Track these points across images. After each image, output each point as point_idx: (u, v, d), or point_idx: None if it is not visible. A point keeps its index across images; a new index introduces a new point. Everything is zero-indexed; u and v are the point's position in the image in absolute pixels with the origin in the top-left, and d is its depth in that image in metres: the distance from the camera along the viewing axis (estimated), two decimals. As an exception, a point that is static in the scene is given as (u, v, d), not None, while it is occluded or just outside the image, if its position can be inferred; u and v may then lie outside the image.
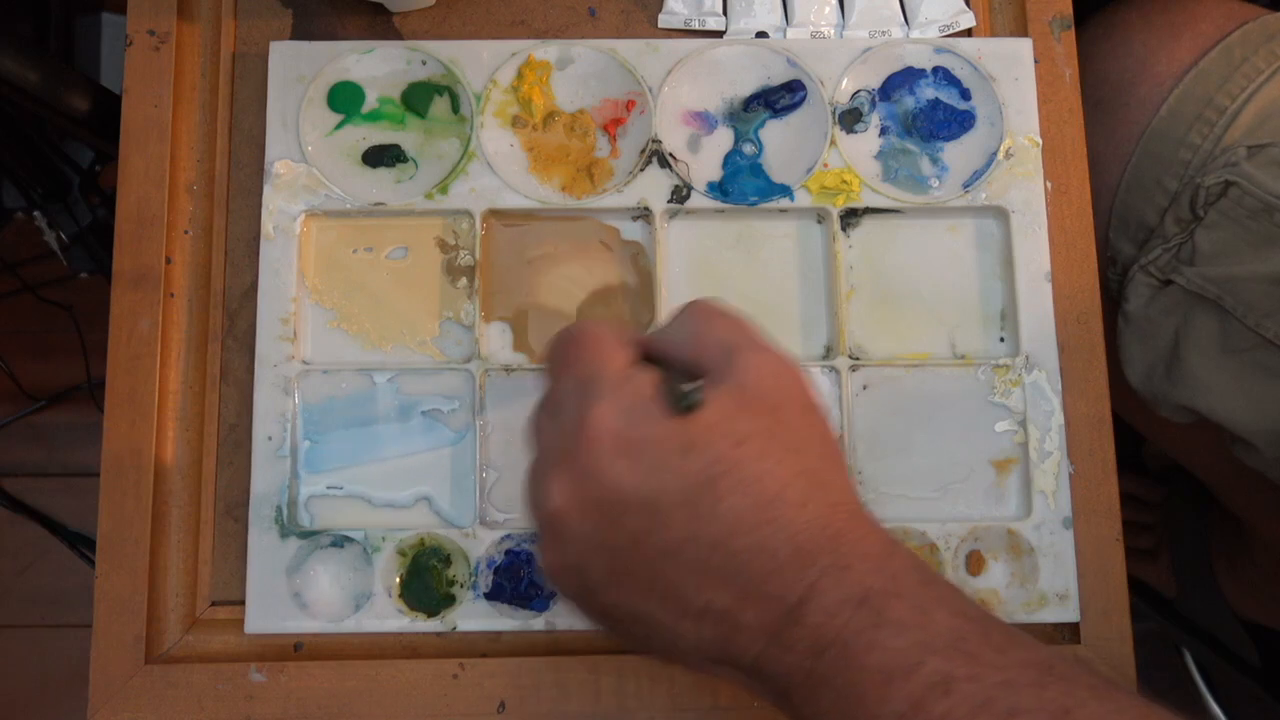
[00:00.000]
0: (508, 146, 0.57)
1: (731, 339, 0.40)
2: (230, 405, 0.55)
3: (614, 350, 0.39)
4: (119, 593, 0.52)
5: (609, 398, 0.37)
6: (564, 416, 0.38)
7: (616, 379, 0.38)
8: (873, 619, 0.35)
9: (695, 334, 0.40)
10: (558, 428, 0.38)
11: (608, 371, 0.38)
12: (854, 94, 0.57)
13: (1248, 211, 0.57)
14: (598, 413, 0.37)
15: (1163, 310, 0.61)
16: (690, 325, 0.41)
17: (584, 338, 0.40)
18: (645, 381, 0.38)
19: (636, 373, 0.38)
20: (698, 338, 0.40)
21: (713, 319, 0.41)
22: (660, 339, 0.41)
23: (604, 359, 0.39)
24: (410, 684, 0.52)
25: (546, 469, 0.38)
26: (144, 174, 0.56)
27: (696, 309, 0.42)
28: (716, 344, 0.39)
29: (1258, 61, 0.60)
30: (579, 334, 0.40)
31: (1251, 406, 0.58)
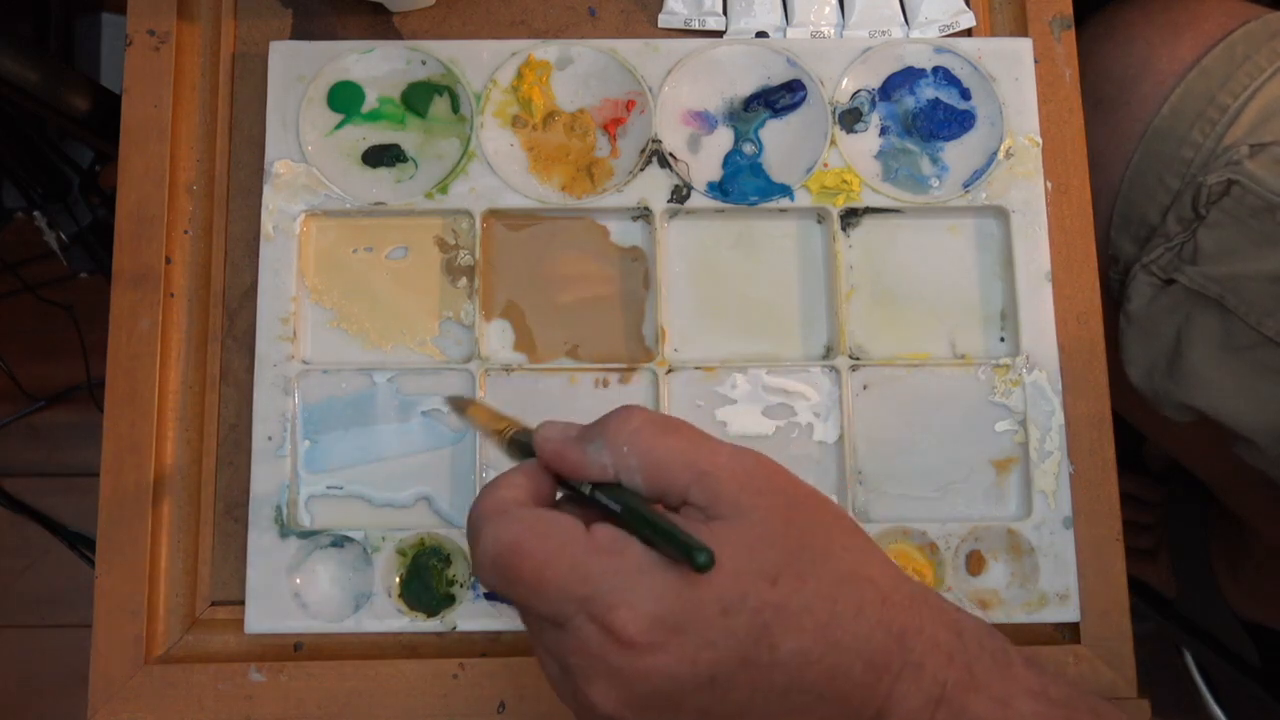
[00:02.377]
0: (508, 146, 0.57)
1: (696, 456, 0.35)
2: (230, 405, 0.55)
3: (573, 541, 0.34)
4: (119, 593, 0.52)
5: (617, 595, 0.33)
6: (573, 626, 0.34)
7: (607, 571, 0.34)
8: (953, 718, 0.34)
9: (648, 455, 0.35)
10: (572, 638, 0.34)
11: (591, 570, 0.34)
12: (854, 94, 0.57)
13: (1250, 210, 0.57)
14: (620, 617, 0.33)
15: (1165, 309, 0.61)
16: (638, 444, 0.36)
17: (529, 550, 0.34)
18: (631, 546, 0.34)
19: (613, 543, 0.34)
20: (653, 460, 0.35)
21: (665, 434, 0.36)
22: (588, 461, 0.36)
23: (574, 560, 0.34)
24: (410, 684, 0.52)
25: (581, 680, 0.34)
26: (144, 174, 0.56)
27: (638, 424, 0.36)
28: (682, 466, 0.35)
29: (1260, 60, 0.60)
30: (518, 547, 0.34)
31: (1253, 405, 0.58)
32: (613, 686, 0.33)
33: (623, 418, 0.36)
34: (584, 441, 0.37)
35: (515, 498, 0.36)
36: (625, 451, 0.36)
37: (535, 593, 0.34)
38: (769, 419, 0.55)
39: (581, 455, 0.37)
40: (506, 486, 0.37)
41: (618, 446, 0.36)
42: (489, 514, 0.35)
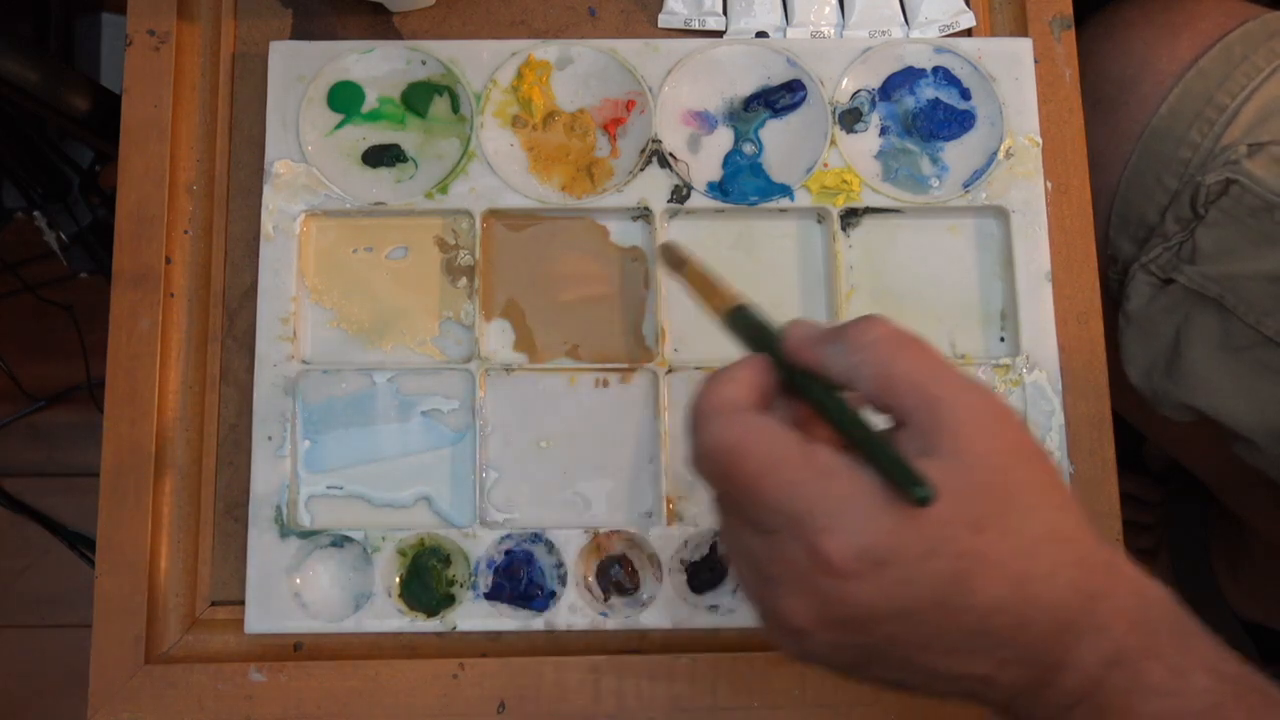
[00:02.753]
0: (508, 146, 0.57)
1: (929, 381, 0.35)
2: (230, 405, 0.55)
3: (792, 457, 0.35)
4: (119, 593, 0.52)
5: (829, 522, 0.34)
6: (780, 539, 0.35)
7: (821, 496, 0.34)
8: (1127, 682, 0.34)
9: (883, 368, 0.36)
10: (776, 549, 0.35)
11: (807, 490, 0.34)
12: (854, 94, 0.57)
13: (1248, 210, 0.57)
14: (828, 543, 0.34)
15: (1164, 309, 0.61)
16: (875, 356, 0.36)
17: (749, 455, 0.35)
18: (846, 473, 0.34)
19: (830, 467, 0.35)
20: (887, 374, 0.36)
21: (904, 350, 0.36)
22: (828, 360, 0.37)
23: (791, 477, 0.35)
24: (410, 684, 0.52)
25: (780, 590, 0.35)
26: (144, 174, 0.56)
27: (879, 334, 0.36)
28: (912, 388, 0.35)
29: (1258, 60, 0.60)
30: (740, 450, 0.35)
31: (1252, 404, 0.58)
32: (810, 604, 0.35)
33: (864, 327, 0.37)
34: (826, 343, 0.37)
35: (742, 396, 0.37)
36: (859, 360, 0.36)
37: (748, 498, 0.35)
38: (769, 419, 0.55)
39: (821, 355, 0.37)
40: (733, 384, 0.37)
41: (853, 353, 0.36)
42: (716, 409, 0.36)
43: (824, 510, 0.34)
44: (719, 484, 0.36)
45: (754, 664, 0.52)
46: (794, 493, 0.34)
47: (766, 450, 0.35)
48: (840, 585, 0.34)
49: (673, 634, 0.53)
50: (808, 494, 0.34)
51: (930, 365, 0.36)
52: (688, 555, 0.53)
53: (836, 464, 0.35)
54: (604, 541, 0.53)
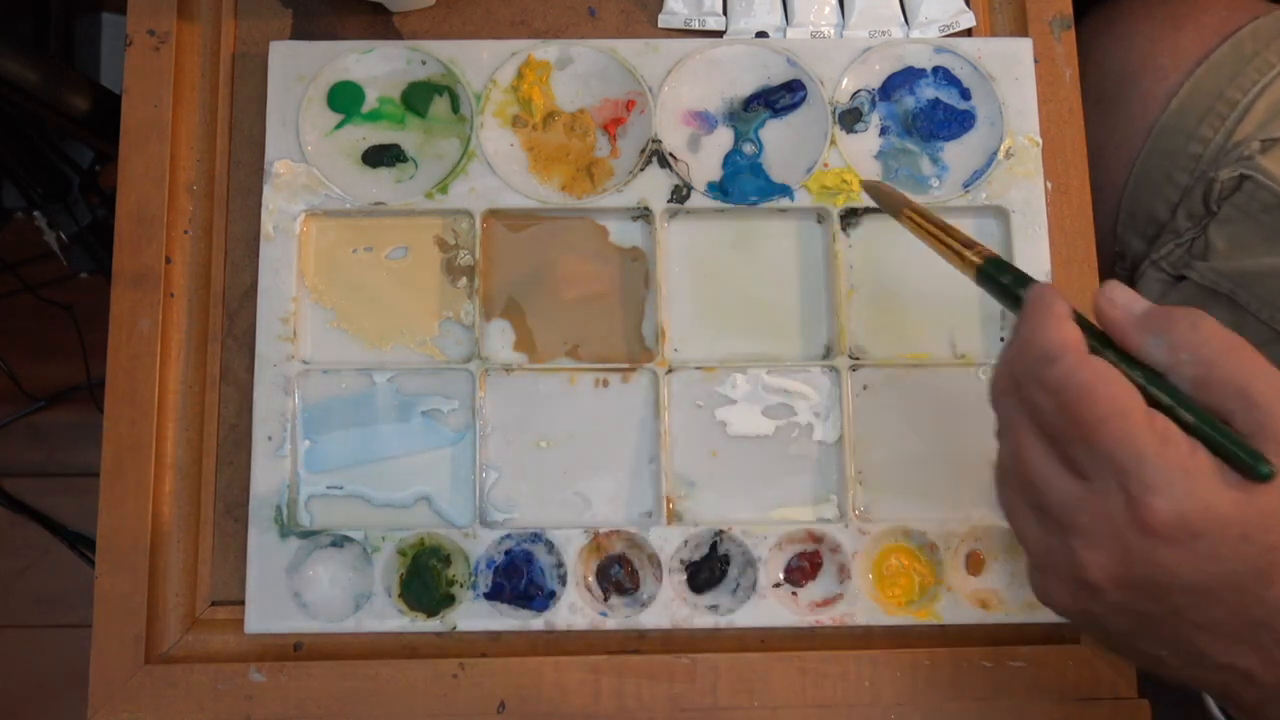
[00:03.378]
0: (508, 146, 0.57)
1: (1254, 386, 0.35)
2: (230, 405, 0.55)
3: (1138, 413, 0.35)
4: (119, 593, 0.52)
5: (1159, 483, 0.34)
6: (1099, 488, 0.35)
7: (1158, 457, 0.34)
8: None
9: (1207, 369, 0.36)
10: (1092, 498, 0.35)
11: (1145, 446, 0.35)
12: (854, 94, 0.57)
13: (1262, 205, 0.57)
14: (1151, 501, 0.34)
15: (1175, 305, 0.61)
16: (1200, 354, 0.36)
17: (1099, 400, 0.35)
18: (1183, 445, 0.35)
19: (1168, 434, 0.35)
20: (1209, 375, 0.36)
21: (1230, 353, 0.36)
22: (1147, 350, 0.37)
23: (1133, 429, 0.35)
24: (410, 684, 0.52)
25: (1082, 540, 0.36)
26: (144, 174, 0.56)
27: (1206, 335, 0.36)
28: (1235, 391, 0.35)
29: (1269, 56, 0.60)
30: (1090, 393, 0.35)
31: None
32: (1114, 559, 0.35)
33: (1192, 322, 0.37)
34: (1146, 329, 0.37)
35: (1080, 337, 0.37)
36: (1184, 358, 0.36)
37: (1084, 437, 0.35)
38: (769, 419, 0.55)
39: (1140, 341, 0.37)
40: (1072, 327, 0.37)
41: (1177, 349, 0.36)
42: (1068, 347, 0.36)
43: (1156, 470, 0.34)
44: (1056, 418, 0.36)
45: (754, 664, 0.52)
46: (1134, 446, 0.35)
47: (1116, 398, 0.35)
48: (1152, 546, 0.34)
49: (673, 634, 0.53)
50: (1146, 452, 0.34)
51: (1256, 369, 0.36)
52: (688, 555, 0.53)
53: (1176, 433, 0.35)
54: (604, 541, 0.53)
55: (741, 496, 0.54)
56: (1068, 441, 0.36)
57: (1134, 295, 0.38)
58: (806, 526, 0.53)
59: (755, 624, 0.52)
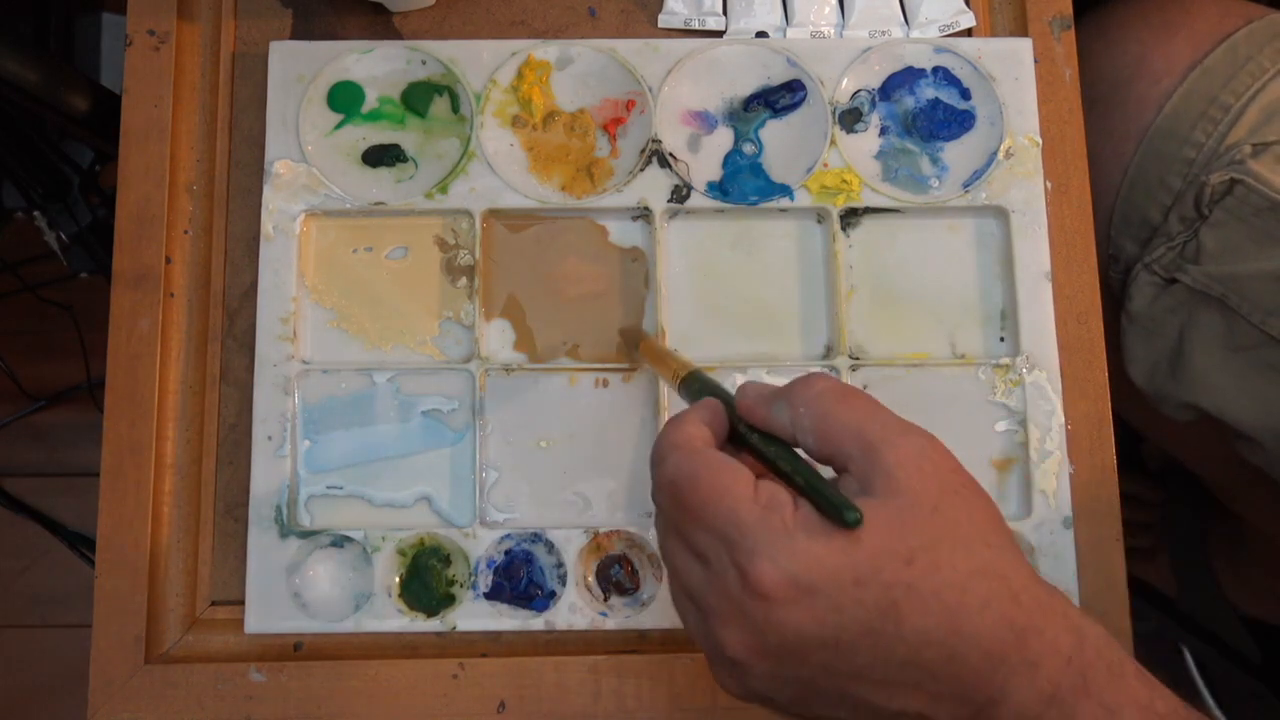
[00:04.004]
0: (508, 146, 0.57)
1: (866, 428, 0.37)
2: (230, 405, 0.55)
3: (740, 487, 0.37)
4: (119, 593, 0.52)
5: (762, 549, 0.35)
6: (714, 565, 0.36)
7: (759, 524, 0.36)
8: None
9: (822, 420, 0.38)
10: (710, 577, 0.37)
11: (745, 517, 0.36)
12: (854, 94, 0.57)
13: (1253, 209, 0.57)
14: (758, 568, 0.35)
15: (1167, 309, 0.61)
16: (816, 408, 0.38)
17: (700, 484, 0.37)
18: (787, 508, 0.36)
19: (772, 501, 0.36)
20: (826, 425, 0.38)
21: (842, 402, 0.38)
22: (772, 418, 0.39)
23: (734, 504, 0.36)
24: (410, 684, 0.52)
25: (712, 618, 0.37)
26: (144, 174, 0.56)
27: (820, 389, 0.38)
28: (851, 435, 0.37)
29: (1262, 60, 0.60)
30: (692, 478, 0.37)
31: (1257, 404, 0.58)
32: (744, 631, 0.36)
33: (807, 383, 0.39)
34: (773, 400, 0.39)
35: (702, 435, 0.39)
36: (802, 413, 0.38)
37: (694, 522, 0.37)
38: (769, 419, 0.55)
39: (767, 411, 0.39)
40: (694, 424, 0.39)
41: (796, 407, 0.38)
42: (677, 445, 0.38)
43: (759, 538, 0.35)
44: (673, 513, 0.38)
45: (754, 664, 0.52)
46: (735, 519, 0.36)
47: (717, 478, 0.37)
48: (769, 610, 0.35)
49: (673, 634, 0.53)
50: (747, 521, 0.36)
51: (868, 415, 0.38)
52: (688, 555, 0.53)
53: (781, 499, 0.36)
54: (604, 541, 0.53)
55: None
56: (687, 531, 0.37)
57: (766, 385, 0.40)
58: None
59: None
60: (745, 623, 0.36)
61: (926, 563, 0.35)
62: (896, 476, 0.36)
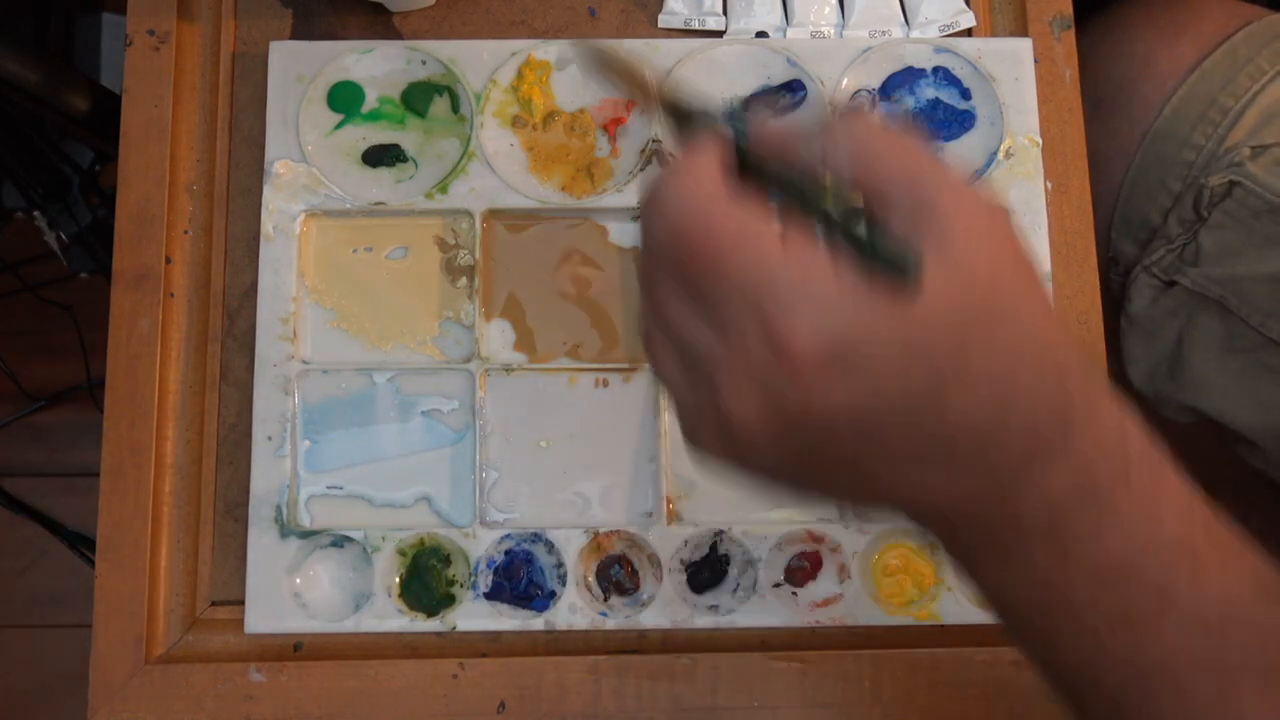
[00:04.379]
0: (508, 146, 0.57)
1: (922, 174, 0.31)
2: (230, 405, 0.55)
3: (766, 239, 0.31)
4: (119, 593, 0.52)
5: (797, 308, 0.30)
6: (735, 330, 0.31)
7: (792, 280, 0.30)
8: (1096, 513, 0.33)
9: (870, 157, 0.32)
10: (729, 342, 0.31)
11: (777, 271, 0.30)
12: (854, 94, 0.57)
13: (1252, 212, 0.57)
14: (789, 331, 0.30)
15: (1166, 311, 0.61)
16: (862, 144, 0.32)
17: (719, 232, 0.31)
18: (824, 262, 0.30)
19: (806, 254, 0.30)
20: (874, 163, 0.32)
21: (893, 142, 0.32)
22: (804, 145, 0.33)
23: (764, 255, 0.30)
24: (410, 684, 0.52)
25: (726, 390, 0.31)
26: (144, 174, 0.56)
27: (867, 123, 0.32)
28: (903, 178, 0.31)
29: (1261, 62, 0.60)
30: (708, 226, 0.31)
31: (1256, 406, 0.58)
32: (761, 401, 0.31)
33: (852, 114, 0.33)
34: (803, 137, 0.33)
35: (711, 176, 0.32)
36: (838, 141, 0.32)
37: (710, 277, 0.31)
38: (769, 419, 0.55)
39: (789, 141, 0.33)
40: (703, 164, 0.32)
41: (832, 136, 0.32)
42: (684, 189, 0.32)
43: (790, 294, 0.30)
44: (675, 269, 0.32)
45: (754, 664, 0.52)
46: (764, 274, 0.30)
47: (736, 227, 0.31)
48: (798, 377, 0.30)
49: (673, 634, 0.53)
50: (778, 277, 0.30)
51: (928, 161, 0.32)
52: (688, 555, 0.53)
53: (814, 250, 0.30)
54: (604, 541, 0.53)
55: (741, 496, 0.54)
56: (699, 288, 0.31)
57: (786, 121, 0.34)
58: (806, 526, 0.53)
59: (755, 624, 0.52)
60: (765, 391, 0.30)
61: (980, 344, 0.31)
62: (953, 236, 0.30)
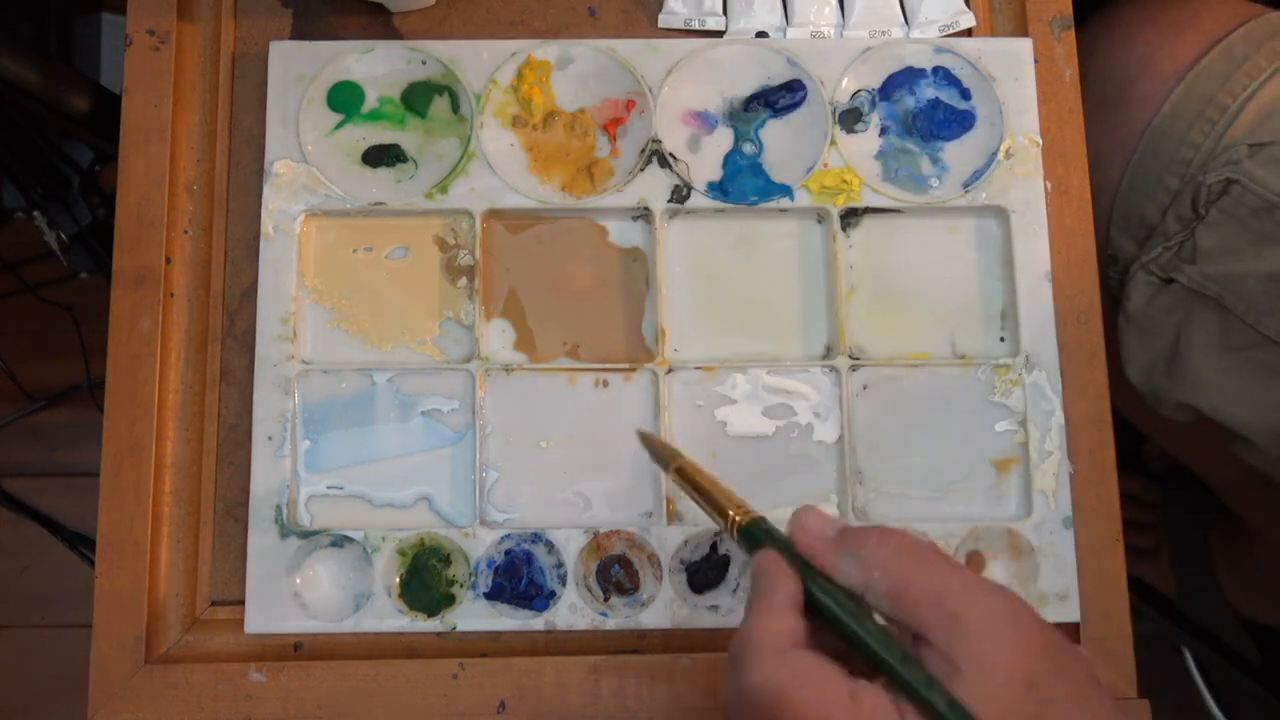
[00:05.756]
0: (508, 146, 0.57)
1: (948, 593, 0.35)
2: (230, 405, 0.55)
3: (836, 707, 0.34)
4: (119, 593, 0.52)
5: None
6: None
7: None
8: None
9: (902, 584, 0.36)
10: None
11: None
12: (854, 94, 0.57)
13: (1249, 209, 0.57)
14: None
15: (1164, 308, 0.61)
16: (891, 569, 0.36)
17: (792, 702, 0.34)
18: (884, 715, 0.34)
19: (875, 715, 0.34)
20: (904, 589, 0.36)
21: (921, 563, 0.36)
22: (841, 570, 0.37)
23: None
24: (410, 684, 0.52)
25: None
26: (144, 174, 0.56)
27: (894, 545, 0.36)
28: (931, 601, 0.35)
29: (1259, 60, 0.60)
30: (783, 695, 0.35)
31: (1252, 404, 0.58)
32: None
33: (880, 538, 0.37)
34: (839, 550, 0.37)
35: (788, 629, 0.36)
36: (876, 575, 0.36)
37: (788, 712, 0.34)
38: (769, 419, 0.55)
39: (833, 563, 0.37)
40: (776, 614, 0.36)
41: (869, 567, 0.36)
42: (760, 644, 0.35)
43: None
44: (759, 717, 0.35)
45: (754, 664, 0.52)
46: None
47: (812, 693, 0.34)
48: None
49: (673, 634, 0.53)
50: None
51: (949, 578, 0.36)
52: (688, 555, 0.53)
53: (884, 710, 0.34)
54: (604, 541, 0.53)
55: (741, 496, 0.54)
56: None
57: (826, 518, 0.38)
58: (806, 526, 0.53)
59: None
60: None
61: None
62: (984, 651, 0.34)
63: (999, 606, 0.35)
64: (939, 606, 0.35)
